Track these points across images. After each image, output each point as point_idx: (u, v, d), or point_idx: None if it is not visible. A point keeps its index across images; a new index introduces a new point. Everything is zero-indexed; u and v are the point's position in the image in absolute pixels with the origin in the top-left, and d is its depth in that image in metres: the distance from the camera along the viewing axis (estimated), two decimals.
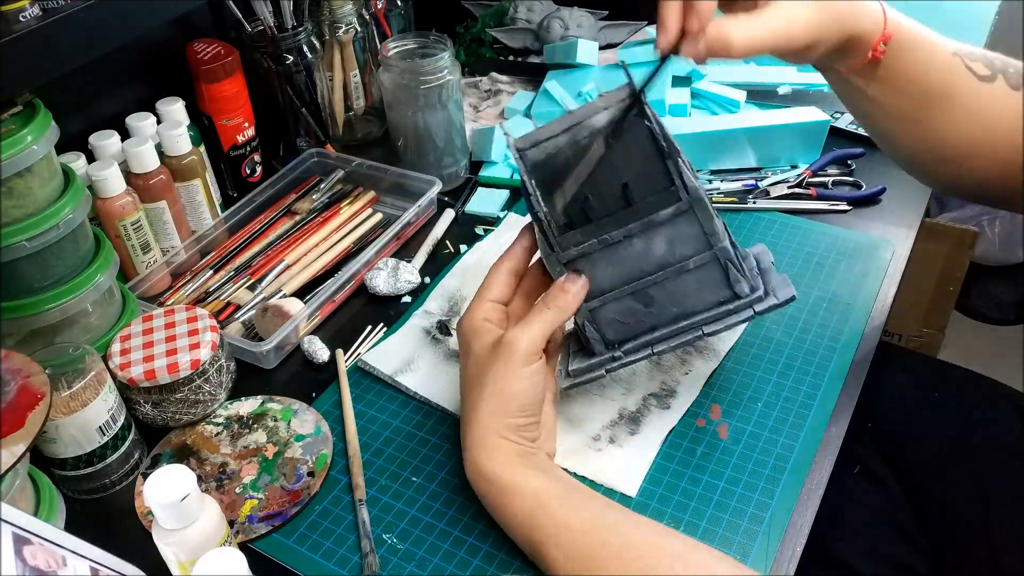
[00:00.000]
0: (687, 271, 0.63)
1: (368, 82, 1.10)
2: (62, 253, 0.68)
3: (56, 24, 0.59)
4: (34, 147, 0.63)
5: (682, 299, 0.64)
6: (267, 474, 0.68)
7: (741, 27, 0.57)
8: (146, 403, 0.69)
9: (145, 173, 0.82)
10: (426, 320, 0.82)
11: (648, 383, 0.73)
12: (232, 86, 0.91)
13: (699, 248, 0.62)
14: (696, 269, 0.62)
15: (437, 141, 0.97)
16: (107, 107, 0.88)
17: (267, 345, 0.76)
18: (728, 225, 0.66)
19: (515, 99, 1.14)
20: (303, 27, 0.96)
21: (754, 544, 0.60)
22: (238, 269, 0.89)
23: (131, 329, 0.71)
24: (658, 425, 0.69)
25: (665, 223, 0.61)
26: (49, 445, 0.63)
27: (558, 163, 0.61)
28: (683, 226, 0.61)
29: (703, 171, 0.98)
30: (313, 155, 1.01)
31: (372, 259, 0.87)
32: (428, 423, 0.72)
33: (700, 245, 0.62)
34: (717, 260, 0.62)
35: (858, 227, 0.89)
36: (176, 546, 0.53)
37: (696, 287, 0.63)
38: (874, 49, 0.63)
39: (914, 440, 0.83)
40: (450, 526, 0.63)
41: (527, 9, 1.28)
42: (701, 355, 0.75)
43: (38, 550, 0.44)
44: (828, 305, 0.79)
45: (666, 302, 0.64)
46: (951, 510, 0.78)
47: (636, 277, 0.63)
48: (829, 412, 0.69)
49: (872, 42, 0.63)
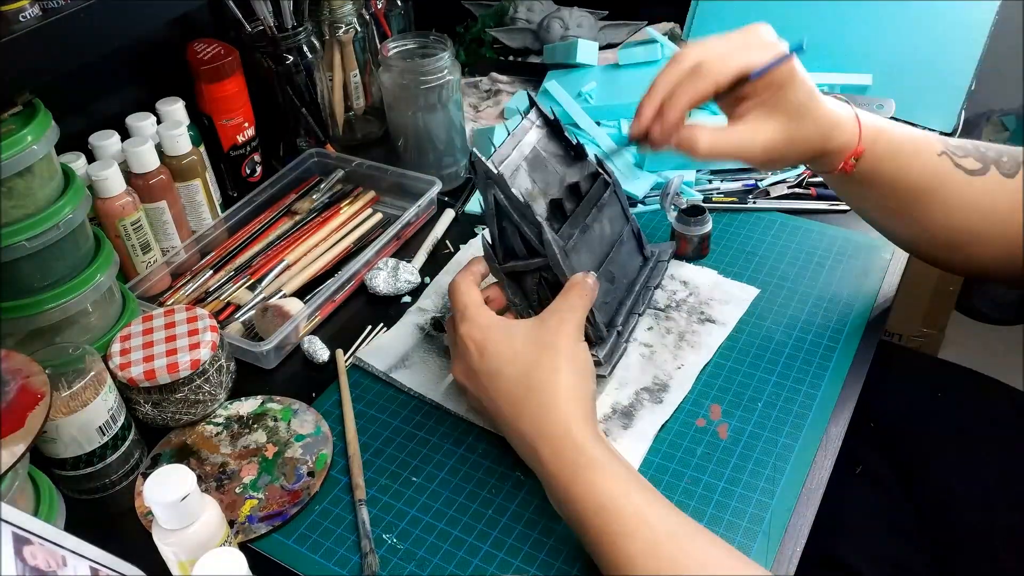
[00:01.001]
0: (622, 244, 0.74)
1: (368, 82, 1.10)
2: (62, 253, 0.68)
3: (56, 24, 0.59)
4: (34, 147, 0.63)
5: (625, 269, 0.75)
6: (267, 474, 0.68)
7: (707, 136, 0.64)
8: (146, 403, 0.69)
9: (145, 173, 0.82)
10: (420, 317, 0.82)
11: (641, 377, 0.73)
12: (232, 86, 0.91)
13: (622, 223, 0.74)
14: (627, 241, 0.75)
15: (437, 141, 0.97)
16: (107, 107, 0.88)
17: (267, 345, 0.76)
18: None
19: (515, 99, 1.14)
20: (303, 27, 0.96)
21: (754, 544, 0.60)
22: (238, 269, 0.89)
23: (131, 329, 0.71)
24: (651, 419, 0.69)
25: (606, 205, 0.72)
26: (49, 445, 0.63)
27: (520, 179, 0.70)
28: (613, 206, 0.73)
29: (703, 171, 0.98)
30: (313, 155, 1.01)
31: (372, 259, 0.87)
32: (428, 423, 0.72)
33: (622, 220, 0.74)
34: (633, 230, 0.75)
35: (858, 227, 0.89)
36: (176, 546, 0.53)
37: (627, 257, 0.75)
38: (845, 163, 0.66)
39: (914, 440, 0.83)
40: (450, 526, 0.63)
41: (527, 9, 1.28)
42: (693, 349, 0.75)
43: (38, 550, 0.44)
44: (828, 305, 0.79)
45: (619, 275, 0.73)
46: (952, 510, 0.78)
47: (601, 260, 0.71)
48: (829, 412, 0.69)
49: (845, 156, 0.66)
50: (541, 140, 0.72)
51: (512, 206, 0.67)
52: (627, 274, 0.75)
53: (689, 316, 0.79)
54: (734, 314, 0.79)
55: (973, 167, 0.67)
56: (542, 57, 1.21)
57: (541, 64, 1.21)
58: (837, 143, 0.65)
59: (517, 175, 0.69)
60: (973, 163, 0.67)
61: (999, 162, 0.67)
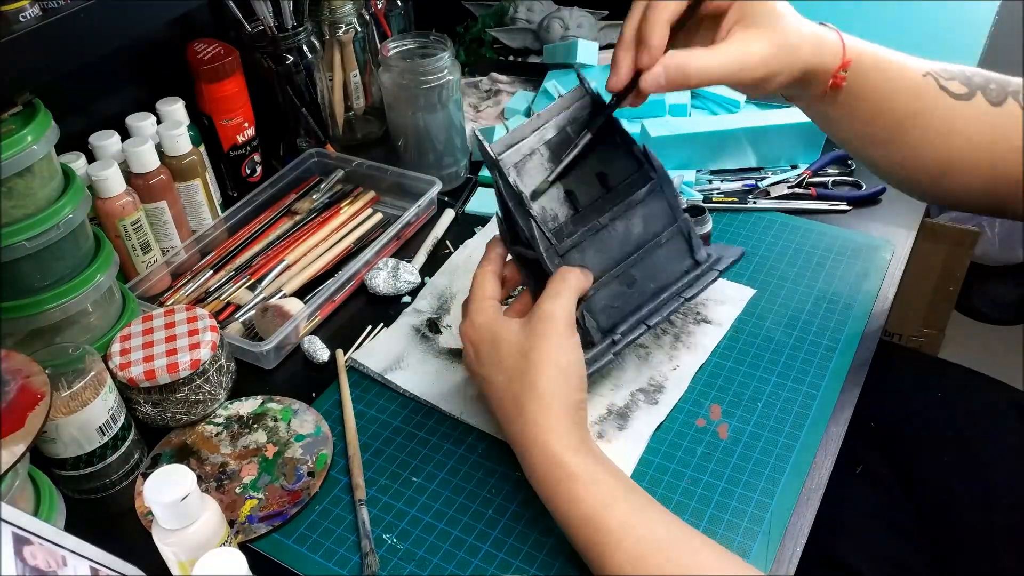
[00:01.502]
0: (660, 246, 0.67)
1: (368, 82, 1.10)
2: (62, 253, 0.68)
3: (56, 24, 0.59)
4: (34, 147, 0.63)
5: (658, 273, 0.68)
6: (267, 474, 0.68)
7: (698, 59, 0.60)
8: (146, 403, 0.69)
9: (145, 173, 0.82)
10: (416, 318, 0.82)
11: (636, 378, 0.73)
12: (232, 86, 0.91)
13: (667, 223, 0.67)
14: (666, 243, 0.67)
15: (437, 141, 0.97)
16: (107, 107, 0.88)
17: (267, 345, 0.76)
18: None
19: (515, 99, 1.14)
20: (303, 27, 0.96)
21: (754, 544, 0.60)
22: (238, 269, 0.89)
23: (131, 329, 0.71)
24: (646, 420, 0.69)
25: (641, 202, 0.65)
26: (49, 445, 0.63)
27: (533, 164, 0.66)
28: (653, 204, 0.66)
29: (703, 171, 0.98)
30: (313, 155, 1.01)
31: (372, 259, 0.87)
32: (428, 423, 0.72)
33: (667, 220, 0.67)
34: (681, 232, 0.68)
35: (858, 227, 0.89)
36: (176, 546, 0.53)
37: (666, 260, 0.68)
38: (834, 76, 0.64)
39: (914, 440, 0.83)
40: (450, 526, 0.63)
41: (527, 9, 1.28)
42: (689, 350, 0.75)
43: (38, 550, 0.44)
44: (828, 305, 0.79)
45: (645, 279, 0.68)
46: (952, 510, 0.78)
47: (619, 260, 0.66)
48: (829, 412, 0.69)
49: (833, 70, 0.64)
50: (576, 123, 0.67)
51: (508, 194, 0.65)
52: (658, 279, 0.68)
53: (685, 317, 0.79)
54: (730, 314, 0.79)
55: (959, 91, 0.65)
56: (542, 57, 1.21)
57: (541, 64, 1.21)
58: (824, 56, 0.63)
59: (529, 160, 0.66)
60: (959, 87, 0.66)
61: (986, 88, 0.66)
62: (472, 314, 0.65)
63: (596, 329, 0.66)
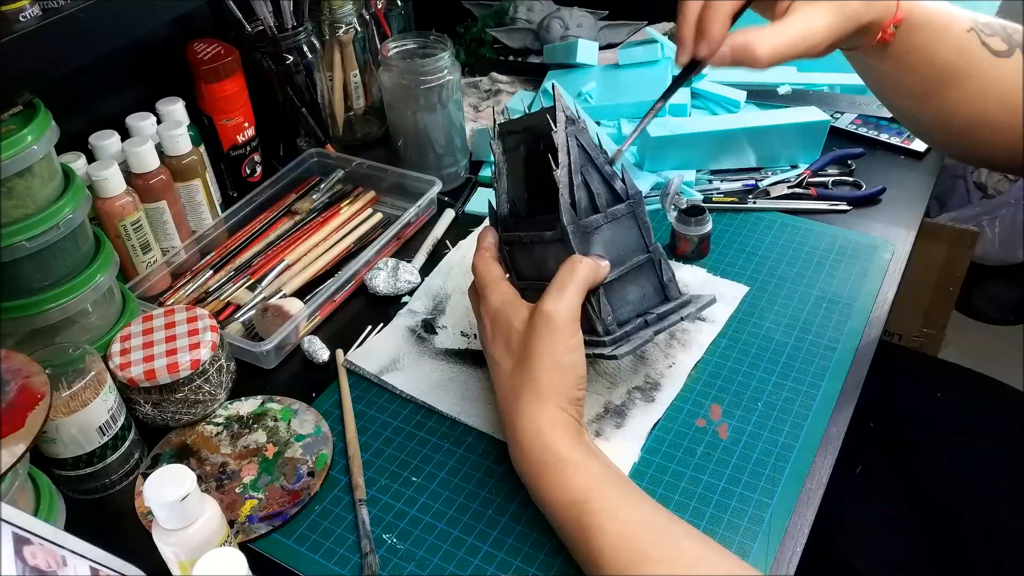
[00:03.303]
0: (639, 270, 0.67)
1: (368, 82, 1.10)
2: (62, 253, 0.68)
3: (56, 24, 0.58)
4: (34, 147, 0.63)
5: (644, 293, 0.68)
6: (267, 474, 0.68)
7: (765, 39, 0.60)
8: (146, 403, 0.69)
9: (145, 173, 0.82)
10: (411, 319, 0.82)
11: (632, 377, 0.73)
12: (232, 86, 0.91)
13: (634, 250, 0.66)
14: (638, 268, 0.67)
15: (437, 141, 0.97)
16: (107, 107, 0.88)
17: (267, 345, 0.76)
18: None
19: (515, 99, 1.14)
20: (303, 27, 0.96)
21: (754, 544, 0.60)
22: (238, 269, 0.89)
23: (131, 329, 0.71)
24: (643, 418, 0.69)
25: (619, 218, 0.65)
26: (49, 445, 0.63)
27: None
28: (625, 227, 0.66)
29: (703, 171, 0.98)
30: (313, 155, 1.01)
31: (372, 259, 0.87)
32: (428, 423, 0.72)
33: (635, 246, 0.66)
34: (653, 263, 0.67)
35: (858, 227, 0.89)
36: (176, 546, 0.53)
37: (640, 287, 0.67)
38: (884, 30, 0.64)
39: (914, 440, 0.83)
40: (450, 526, 0.63)
41: (527, 9, 1.28)
42: (684, 347, 0.75)
43: (38, 550, 0.44)
44: (828, 305, 0.79)
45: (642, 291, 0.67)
46: (952, 510, 0.78)
47: (622, 262, 0.66)
48: (829, 412, 0.69)
49: (884, 24, 0.63)
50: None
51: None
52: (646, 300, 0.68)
53: None
54: (724, 312, 0.79)
55: (999, 48, 0.65)
56: (542, 57, 1.21)
57: (541, 64, 1.21)
58: (876, 10, 0.63)
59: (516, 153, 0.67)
60: (1000, 43, 0.65)
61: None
62: (489, 295, 0.65)
63: (613, 320, 0.65)
